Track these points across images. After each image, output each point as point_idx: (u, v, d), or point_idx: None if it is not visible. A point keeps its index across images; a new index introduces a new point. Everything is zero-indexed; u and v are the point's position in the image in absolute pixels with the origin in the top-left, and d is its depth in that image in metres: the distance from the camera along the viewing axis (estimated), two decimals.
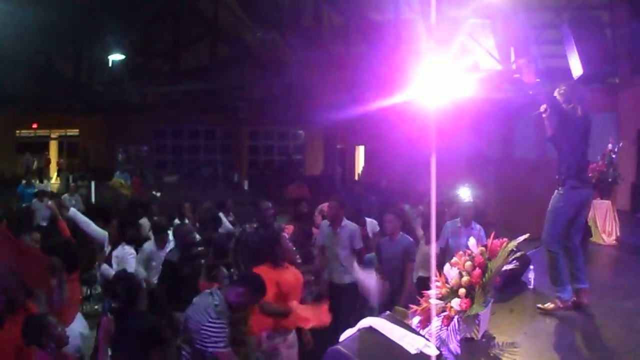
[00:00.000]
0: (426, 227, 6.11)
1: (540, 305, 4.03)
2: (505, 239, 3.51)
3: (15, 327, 3.38)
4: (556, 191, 4.19)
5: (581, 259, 4.19)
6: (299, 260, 4.96)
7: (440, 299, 3.27)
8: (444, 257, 5.08)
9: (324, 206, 6.55)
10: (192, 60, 17.87)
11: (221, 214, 7.79)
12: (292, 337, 4.19)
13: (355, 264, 5.47)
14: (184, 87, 18.01)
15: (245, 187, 19.42)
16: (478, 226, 5.75)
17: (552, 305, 4.01)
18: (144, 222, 7.29)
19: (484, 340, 3.36)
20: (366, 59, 12.60)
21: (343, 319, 4.79)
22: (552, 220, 4.14)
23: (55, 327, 3.38)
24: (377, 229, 7.40)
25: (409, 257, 5.44)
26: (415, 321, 3.33)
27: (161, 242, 5.87)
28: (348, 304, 5.49)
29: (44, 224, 9.48)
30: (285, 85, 15.78)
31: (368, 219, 7.36)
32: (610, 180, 7.11)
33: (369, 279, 5.29)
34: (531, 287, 4.60)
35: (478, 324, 3.30)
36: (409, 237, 5.62)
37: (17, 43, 12.25)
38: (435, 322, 3.20)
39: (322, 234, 5.79)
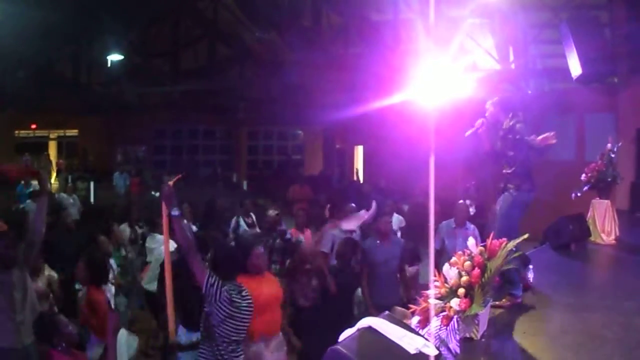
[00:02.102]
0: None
1: (494, 302, 4.09)
2: (504, 239, 3.51)
3: None
4: (507, 194, 4.38)
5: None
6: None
7: (439, 298, 3.27)
8: (440, 258, 5.07)
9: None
10: (191, 61, 17.87)
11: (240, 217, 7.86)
12: (277, 341, 4.09)
13: None
14: (183, 87, 17.99)
15: (245, 187, 19.41)
16: (472, 226, 5.77)
17: (506, 302, 4.08)
18: (124, 228, 7.31)
19: (483, 340, 3.36)
20: (365, 59, 12.60)
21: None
22: (509, 221, 4.33)
23: (66, 326, 3.39)
24: (404, 223, 7.45)
25: (405, 258, 5.40)
26: (414, 321, 3.33)
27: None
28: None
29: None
30: (284, 86, 15.78)
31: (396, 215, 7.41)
32: (609, 179, 7.11)
33: None
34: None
35: (477, 323, 3.29)
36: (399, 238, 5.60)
37: (16, 43, 12.24)
38: (435, 322, 3.20)
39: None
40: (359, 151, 21.45)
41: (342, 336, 2.90)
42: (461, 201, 6.00)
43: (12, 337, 3.77)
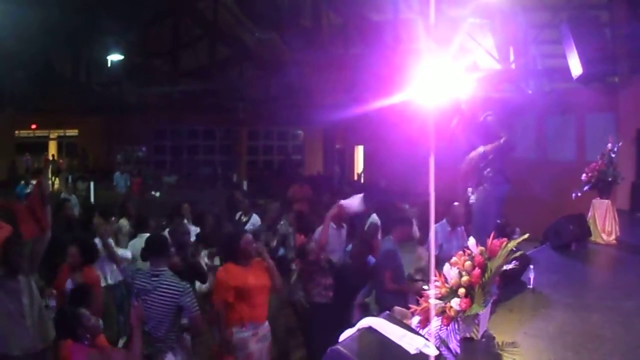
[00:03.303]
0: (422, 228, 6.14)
1: None
2: (504, 239, 3.51)
3: None
4: (481, 189, 4.53)
5: None
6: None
7: (439, 298, 3.26)
8: (437, 263, 5.07)
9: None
10: (191, 61, 17.86)
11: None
12: (264, 330, 4.24)
13: None
14: (183, 88, 18.00)
15: (245, 188, 19.42)
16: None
17: None
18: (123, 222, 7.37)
19: (483, 340, 3.35)
20: (365, 59, 12.60)
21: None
22: (486, 217, 4.44)
23: (88, 319, 3.43)
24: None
25: None
26: (414, 321, 3.32)
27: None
28: None
29: None
30: (284, 86, 15.77)
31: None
32: (609, 179, 7.09)
33: None
34: (531, 286, 4.59)
35: (477, 323, 3.29)
36: None
37: (16, 43, 12.23)
38: (435, 322, 3.19)
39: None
40: (359, 151, 21.45)
41: (342, 336, 2.89)
42: (456, 203, 6.00)
43: (26, 344, 3.78)
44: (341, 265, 5.36)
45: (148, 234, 5.89)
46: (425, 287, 3.39)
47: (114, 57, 15.17)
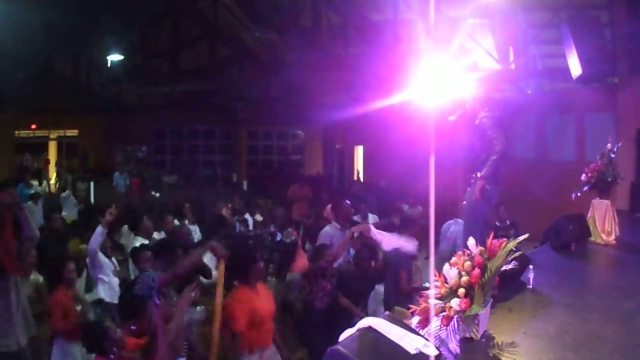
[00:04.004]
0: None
1: None
2: (504, 239, 3.51)
3: None
4: (470, 189, 4.61)
5: None
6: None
7: (439, 298, 3.27)
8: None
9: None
10: (191, 61, 17.87)
11: (247, 215, 7.96)
12: (270, 351, 4.13)
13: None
14: (183, 88, 17.99)
15: (244, 187, 19.41)
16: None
17: None
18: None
19: (483, 340, 3.36)
20: (365, 59, 12.60)
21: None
22: (477, 215, 4.53)
23: (114, 332, 3.33)
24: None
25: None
26: (414, 321, 3.32)
27: (145, 233, 6.05)
28: None
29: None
30: (284, 85, 15.77)
31: (370, 214, 7.45)
32: (609, 179, 7.09)
33: None
34: (530, 286, 4.60)
35: (477, 323, 3.29)
36: None
37: (16, 43, 12.23)
38: (435, 322, 3.20)
39: None
40: (359, 151, 21.45)
41: (342, 336, 2.90)
42: (465, 202, 6.02)
43: (12, 340, 3.84)
44: (345, 271, 5.34)
45: (142, 239, 5.90)
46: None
47: (114, 57, 15.16)
